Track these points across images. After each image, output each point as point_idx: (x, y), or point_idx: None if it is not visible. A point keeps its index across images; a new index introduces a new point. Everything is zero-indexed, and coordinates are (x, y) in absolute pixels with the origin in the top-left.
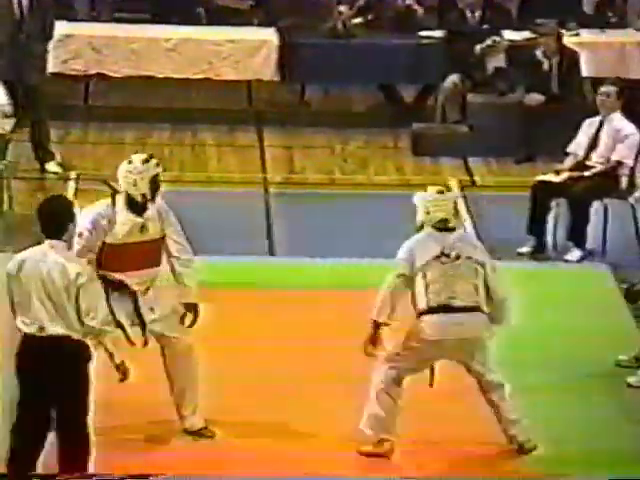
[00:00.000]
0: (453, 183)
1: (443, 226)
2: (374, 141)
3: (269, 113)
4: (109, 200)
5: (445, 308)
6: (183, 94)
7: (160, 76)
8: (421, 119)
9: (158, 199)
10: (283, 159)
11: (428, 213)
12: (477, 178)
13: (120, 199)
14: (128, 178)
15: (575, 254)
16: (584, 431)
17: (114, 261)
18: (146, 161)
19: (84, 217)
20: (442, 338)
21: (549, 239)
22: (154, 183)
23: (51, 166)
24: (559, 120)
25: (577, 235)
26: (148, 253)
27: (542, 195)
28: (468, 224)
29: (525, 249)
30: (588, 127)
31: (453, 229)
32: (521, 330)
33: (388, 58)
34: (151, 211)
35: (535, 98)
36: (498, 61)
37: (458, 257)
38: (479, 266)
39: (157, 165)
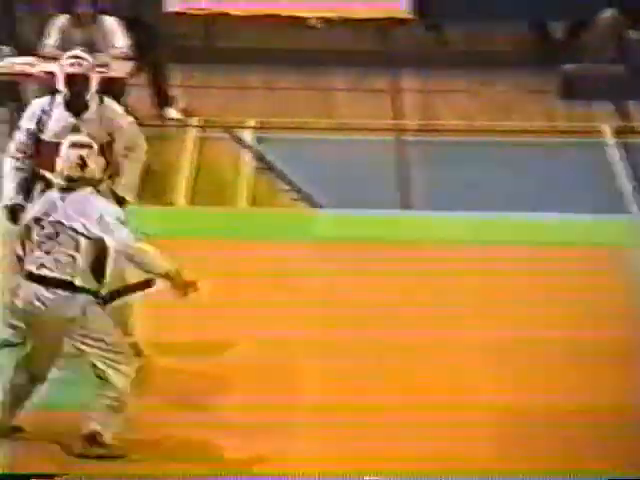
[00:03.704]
0: (607, 130)
1: (66, 185)
2: (519, 84)
3: (404, 54)
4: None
5: (38, 277)
6: (312, 34)
7: (288, 15)
8: (572, 59)
9: (111, 107)
10: (419, 104)
11: (60, 171)
12: (636, 124)
13: (60, 95)
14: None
15: None
16: None
17: (46, 159)
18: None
19: (28, 110)
20: (31, 310)
21: None
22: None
23: (171, 112)
24: None
25: None
26: None
27: None
28: (624, 176)
29: None
30: None
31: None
32: None
33: None
34: (90, 114)
35: None
36: None
37: (58, 223)
38: (84, 238)
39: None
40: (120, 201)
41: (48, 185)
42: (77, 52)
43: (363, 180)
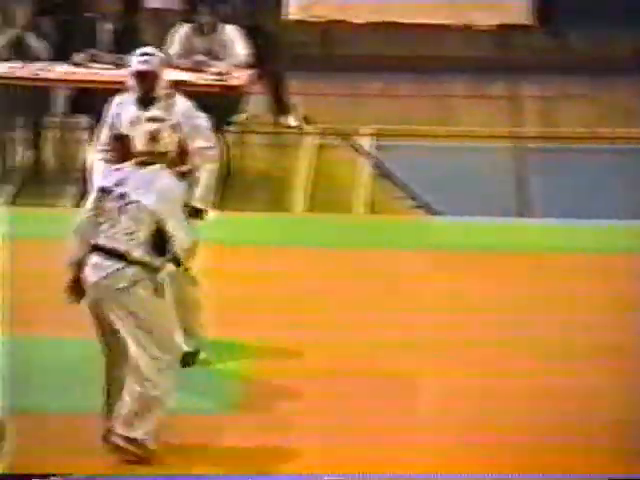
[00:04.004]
0: None
1: (139, 160)
2: None
3: (524, 60)
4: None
5: (99, 248)
6: (430, 41)
7: (406, 22)
8: None
9: (179, 104)
10: (539, 110)
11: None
12: None
13: (133, 91)
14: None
15: None
16: None
17: (121, 152)
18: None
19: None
20: (92, 281)
21: None
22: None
23: (290, 119)
24: None
25: None
26: None
27: None
28: None
29: None
30: None
31: (150, 163)
32: None
33: None
34: (157, 109)
35: None
36: None
37: (124, 196)
38: (146, 212)
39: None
40: (197, 212)
41: None
42: (147, 49)
43: (481, 187)
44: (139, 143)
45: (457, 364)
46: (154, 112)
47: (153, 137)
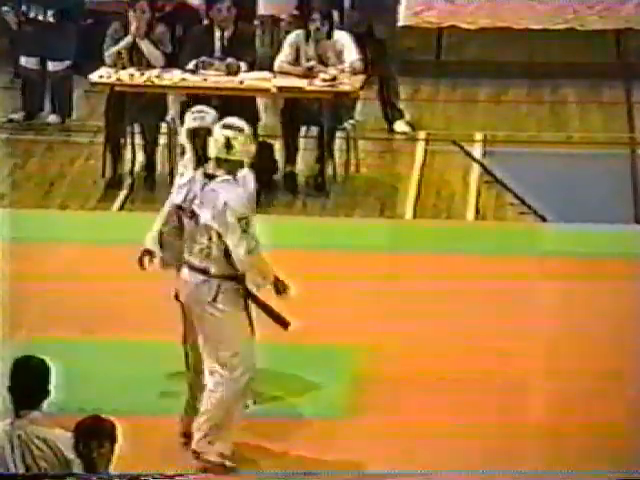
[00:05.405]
0: None
1: (212, 170)
2: None
3: (639, 65)
4: None
5: (189, 264)
6: (543, 46)
7: (519, 27)
8: None
9: None
10: None
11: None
12: None
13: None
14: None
15: None
16: None
17: None
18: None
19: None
20: (182, 292)
21: None
22: None
23: (399, 125)
24: None
25: None
26: None
27: None
28: None
29: None
30: None
31: (214, 176)
32: None
33: None
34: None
35: None
36: None
37: (192, 215)
38: (213, 231)
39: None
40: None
41: None
42: (201, 107)
43: (593, 194)
44: (212, 148)
45: (570, 369)
46: (232, 120)
47: (225, 144)
